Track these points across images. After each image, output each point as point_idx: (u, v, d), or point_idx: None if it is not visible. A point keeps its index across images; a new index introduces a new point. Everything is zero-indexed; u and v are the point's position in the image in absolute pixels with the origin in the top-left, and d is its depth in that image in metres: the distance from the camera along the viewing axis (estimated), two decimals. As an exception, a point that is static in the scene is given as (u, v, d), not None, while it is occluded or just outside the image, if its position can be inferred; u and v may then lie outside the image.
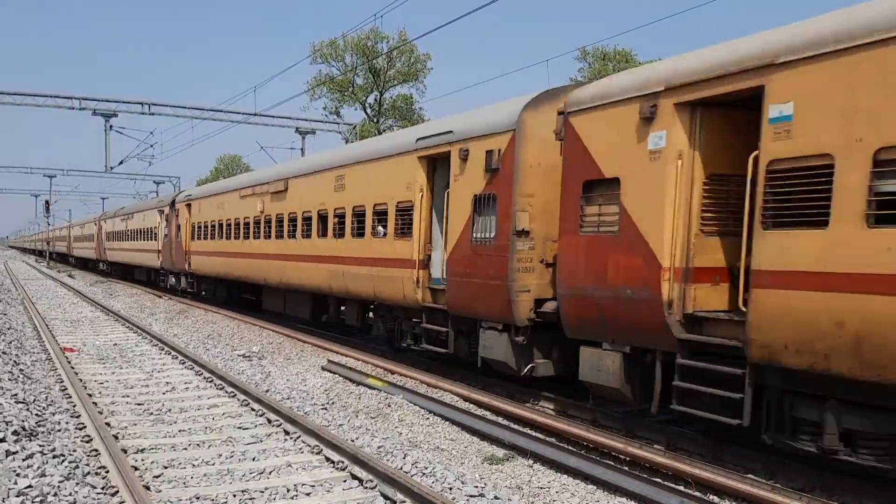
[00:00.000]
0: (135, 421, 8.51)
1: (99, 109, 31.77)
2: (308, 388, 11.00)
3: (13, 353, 11.95)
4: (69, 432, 7.60)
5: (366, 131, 44.25)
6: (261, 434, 7.96)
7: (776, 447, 6.79)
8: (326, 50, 47.69)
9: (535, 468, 7.47)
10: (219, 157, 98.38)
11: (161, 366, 12.20)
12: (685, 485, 6.71)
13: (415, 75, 50.02)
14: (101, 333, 16.34)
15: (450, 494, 6.02)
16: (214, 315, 20.87)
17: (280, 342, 15.74)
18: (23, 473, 5.87)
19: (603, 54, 46.18)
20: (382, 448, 7.28)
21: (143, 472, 6.58)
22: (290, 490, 6.23)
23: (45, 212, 59.91)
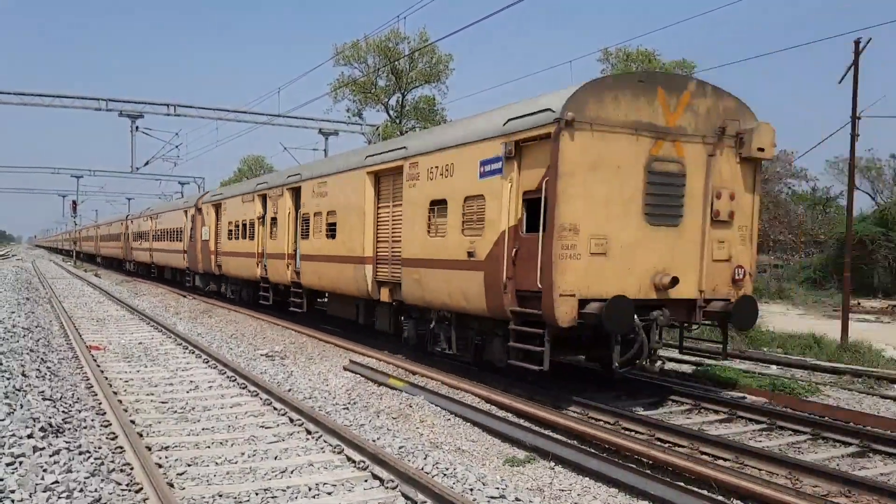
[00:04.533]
0: (159, 419, 8.60)
1: (125, 111, 32.16)
2: (330, 387, 11.05)
3: (40, 351, 12.13)
4: (95, 429, 7.69)
5: (388, 133, 44.37)
6: (283, 433, 8.00)
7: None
8: (349, 52, 47.87)
9: (557, 470, 7.44)
10: (242, 158, 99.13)
11: (185, 364, 12.32)
12: (708, 489, 6.64)
13: (437, 76, 50.06)
14: (126, 332, 16.53)
15: (471, 496, 6.01)
16: (237, 315, 21.03)
17: (302, 342, 15.83)
18: (49, 469, 5.95)
19: (626, 55, 45.87)
20: (404, 448, 7.29)
21: (167, 469, 6.64)
22: (312, 489, 6.25)
23: (72, 212, 60.77)
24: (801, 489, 6.65)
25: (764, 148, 10.36)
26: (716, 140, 10.17)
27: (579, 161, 9.26)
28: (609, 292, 9.23)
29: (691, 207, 10.07)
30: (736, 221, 10.44)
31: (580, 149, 9.24)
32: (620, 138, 9.51)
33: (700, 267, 10.15)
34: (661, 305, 9.88)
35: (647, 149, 9.71)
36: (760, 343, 16.51)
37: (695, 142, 10.06)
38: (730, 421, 9.54)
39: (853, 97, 16.54)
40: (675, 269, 9.89)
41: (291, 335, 16.81)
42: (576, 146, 9.22)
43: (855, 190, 19.68)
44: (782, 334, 17.31)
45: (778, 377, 12.32)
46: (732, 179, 10.37)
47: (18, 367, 9.94)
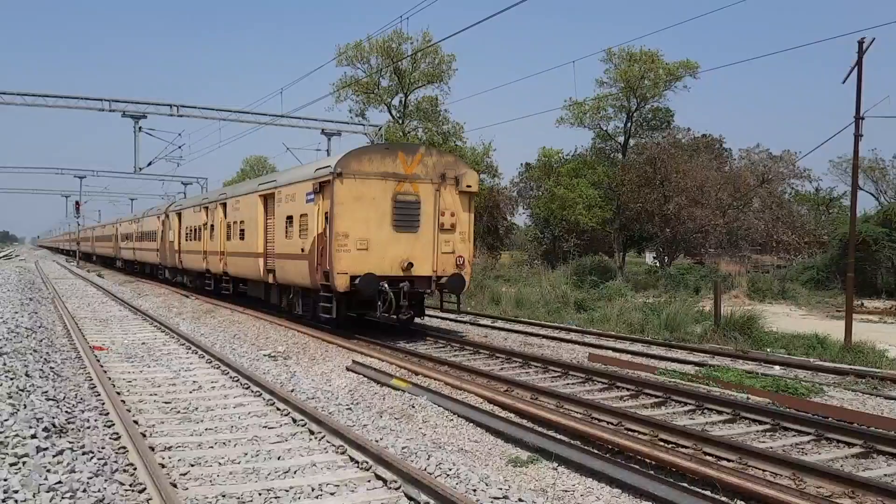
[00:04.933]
0: (162, 419, 8.60)
1: (128, 111, 32.18)
2: (333, 388, 11.05)
3: (44, 351, 12.15)
4: (98, 429, 7.70)
5: (391, 133, 44.39)
6: (286, 433, 8.01)
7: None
8: (352, 52, 47.89)
9: (560, 471, 7.43)
10: (245, 159, 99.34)
11: (188, 365, 12.33)
12: (712, 489, 6.63)
13: (439, 77, 50.08)
14: (129, 332, 16.55)
15: (474, 496, 6.00)
16: (241, 315, 21.05)
17: (305, 343, 15.83)
18: (53, 469, 5.95)
19: (629, 55, 45.85)
20: (407, 449, 7.28)
21: (171, 469, 6.65)
22: (315, 489, 6.25)
23: (76, 212, 60.86)
24: (805, 490, 6.64)
25: (471, 185, 16.79)
26: (440, 181, 16.36)
27: (347, 196, 15.45)
28: (370, 271, 15.33)
29: (425, 221, 16.23)
30: (457, 229, 16.59)
31: (347, 189, 15.44)
32: (374, 182, 15.71)
33: (433, 257, 16.32)
34: (407, 280, 15.87)
35: (393, 187, 15.90)
36: (764, 344, 16.49)
37: (426, 182, 16.28)
38: (733, 421, 9.52)
39: (857, 97, 16.51)
40: (416, 258, 16.05)
41: (294, 336, 16.82)
42: (344, 187, 15.43)
43: (858, 190, 19.63)
44: (785, 335, 17.29)
45: (781, 378, 12.31)
46: (453, 204, 16.56)
47: (22, 368, 9.96)
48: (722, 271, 37.24)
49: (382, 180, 15.80)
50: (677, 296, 25.44)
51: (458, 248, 16.62)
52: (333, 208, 15.41)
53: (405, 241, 16.00)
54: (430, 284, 16.45)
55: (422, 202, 16.24)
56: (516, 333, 18.19)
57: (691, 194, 37.14)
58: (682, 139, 43.37)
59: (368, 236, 15.63)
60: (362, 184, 15.61)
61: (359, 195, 15.57)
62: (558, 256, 43.66)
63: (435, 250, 16.33)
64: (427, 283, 16.40)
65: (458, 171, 16.69)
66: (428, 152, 16.73)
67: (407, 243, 16.03)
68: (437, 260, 16.36)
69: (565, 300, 24.07)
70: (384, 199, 15.80)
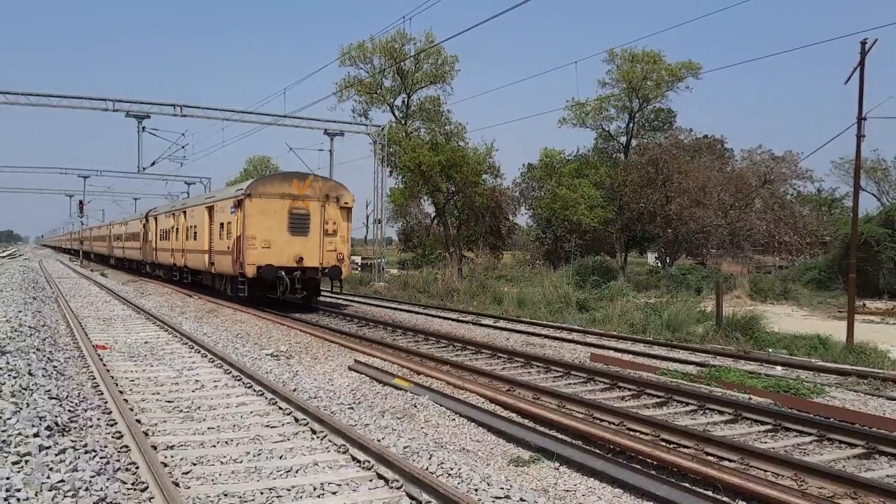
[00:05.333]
0: (164, 418, 8.62)
1: (132, 111, 32.29)
2: (335, 387, 11.07)
3: (47, 350, 12.17)
4: (100, 428, 7.72)
5: (393, 133, 44.40)
6: (288, 433, 8.02)
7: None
8: (355, 52, 47.97)
9: (561, 471, 7.44)
10: (248, 159, 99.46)
11: (191, 364, 12.35)
12: (714, 490, 6.63)
13: (442, 77, 50.11)
14: (132, 332, 16.57)
15: (475, 496, 6.01)
16: (243, 314, 21.08)
17: (307, 342, 15.85)
18: (55, 468, 5.97)
19: (631, 56, 45.85)
20: (408, 448, 7.29)
21: (173, 468, 6.66)
22: (317, 489, 6.26)
23: (80, 212, 60.97)
24: (807, 491, 6.64)
25: (348, 202, 23.03)
26: (324, 199, 22.70)
27: (254, 210, 21.76)
28: (270, 263, 21.60)
29: (313, 228, 22.52)
30: (338, 234, 22.89)
31: (255, 205, 21.81)
32: (275, 200, 22.05)
33: (320, 254, 22.59)
34: (300, 269, 22.16)
35: (289, 204, 22.27)
36: (766, 344, 16.48)
37: (314, 200, 22.60)
38: (735, 422, 9.53)
39: (859, 98, 16.49)
40: (306, 255, 22.35)
41: (297, 335, 16.84)
42: (252, 204, 21.77)
43: (860, 191, 19.61)
44: (787, 335, 17.28)
45: (783, 378, 12.30)
46: (335, 216, 22.90)
47: (25, 366, 9.97)
48: (724, 272, 37.21)
49: (281, 199, 22.31)
50: (679, 296, 25.45)
51: (339, 248, 23.10)
52: (245, 219, 21.94)
53: (298, 242, 22.39)
54: (318, 273, 22.69)
55: (311, 214, 22.59)
56: (518, 333, 18.20)
57: (693, 195, 37.12)
58: (685, 140, 43.38)
59: (270, 238, 21.98)
60: (266, 202, 22.07)
61: (263, 210, 21.99)
62: (560, 256, 43.65)
63: (321, 249, 22.68)
64: (315, 272, 22.63)
65: (338, 192, 23.24)
66: (315, 179, 23.30)
67: (299, 244, 22.40)
68: (323, 256, 22.70)
69: (567, 300, 24.07)
70: (282, 212, 22.26)
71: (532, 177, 50.02)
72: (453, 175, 42.72)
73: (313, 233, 22.44)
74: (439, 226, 50.38)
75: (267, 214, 21.89)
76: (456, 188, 44.78)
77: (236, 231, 22.41)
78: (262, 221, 21.80)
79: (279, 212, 22.08)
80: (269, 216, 21.91)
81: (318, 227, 22.51)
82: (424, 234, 53.85)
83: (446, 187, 44.65)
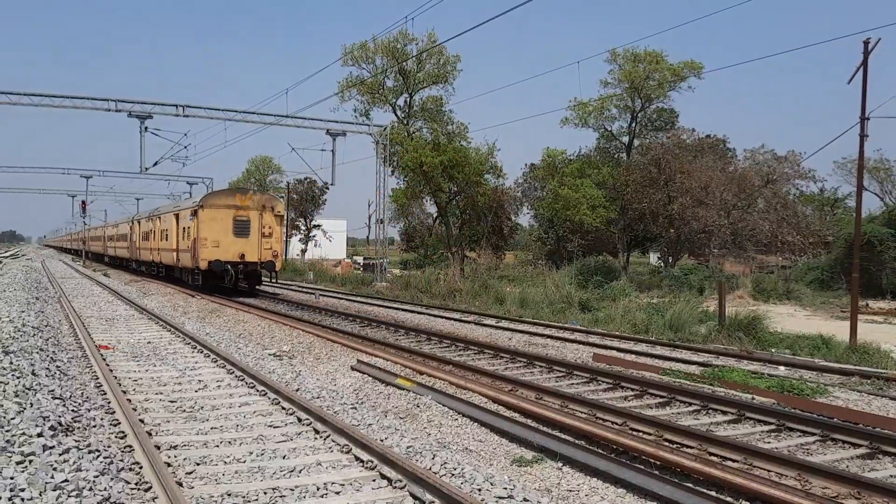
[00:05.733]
0: (168, 418, 8.63)
1: (134, 111, 32.32)
2: (338, 387, 11.07)
3: (50, 350, 12.19)
4: (104, 428, 7.73)
5: (395, 133, 44.40)
6: (291, 433, 8.03)
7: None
8: (357, 52, 47.97)
9: (564, 471, 7.44)
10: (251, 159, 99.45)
11: (193, 364, 12.36)
12: (717, 490, 6.63)
13: (444, 77, 50.10)
14: (135, 331, 16.59)
15: (479, 496, 6.01)
16: (246, 314, 21.10)
17: (310, 342, 15.86)
18: (59, 468, 5.97)
19: (633, 55, 45.82)
20: (412, 448, 7.29)
21: (176, 468, 6.67)
22: (320, 488, 6.27)
23: (82, 212, 61.06)
24: (811, 491, 6.63)
25: (280, 211, 29.58)
26: (262, 209, 28.32)
27: (206, 218, 27.45)
28: (218, 258, 27.32)
29: (253, 231, 28.16)
30: (273, 236, 28.45)
31: (206, 214, 27.51)
32: (222, 210, 27.83)
33: (258, 251, 28.16)
34: (242, 264, 27.88)
35: (234, 213, 28.00)
36: (768, 344, 16.46)
37: (253, 210, 28.28)
38: (738, 422, 9.52)
39: (862, 97, 16.48)
40: (247, 252, 28.04)
41: (299, 335, 16.85)
42: (205, 213, 27.49)
43: (863, 191, 19.59)
44: (790, 335, 17.26)
45: (786, 378, 12.29)
46: (270, 222, 28.53)
47: (28, 366, 9.99)
48: (726, 272, 37.16)
49: (227, 209, 28.23)
50: (681, 296, 25.42)
51: (274, 246, 29.00)
52: (199, 224, 27.76)
53: (241, 242, 28.26)
54: (257, 266, 28.65)
55: (251, 221, 28.49)
56: (521, 333, 18.20)
57: (696, 195, 37.07)
58: (687, 140, 43.31)
59: (219, 239, 27.85)
60: (215, 211, 27.96)
61: (213, 217, 27.83)
62: (562, 257, 43.64)
63: (259, 247, 28.51)
64: (255, 265, 28.59)
65: (273, 203, 29.57)
66: (255, 193, 30.67)
67: (242, 243, 28.27)
68: (261, 253, 28.54)
69: (569, 300, 24.07)
70: (228, 220, 28.17)
71: (534, 177, 50.00)
72: (455, 175, 42.73)
73: (253, 235, 28.39)
74: (441, 226, 50.39)
75: (216, 221, 27.75)
76: (458, 188, 44.79)
77: (193, 234, 28.25)
78: (213, 226, 27.70)
79: (225, 219, 28.01)
80: (218, 222, 27.81)
81: (257, 231, 28.45)
82: (426, 234, 53.88)
83: (448, 187, 44.66)
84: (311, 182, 60.84)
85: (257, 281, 29.88)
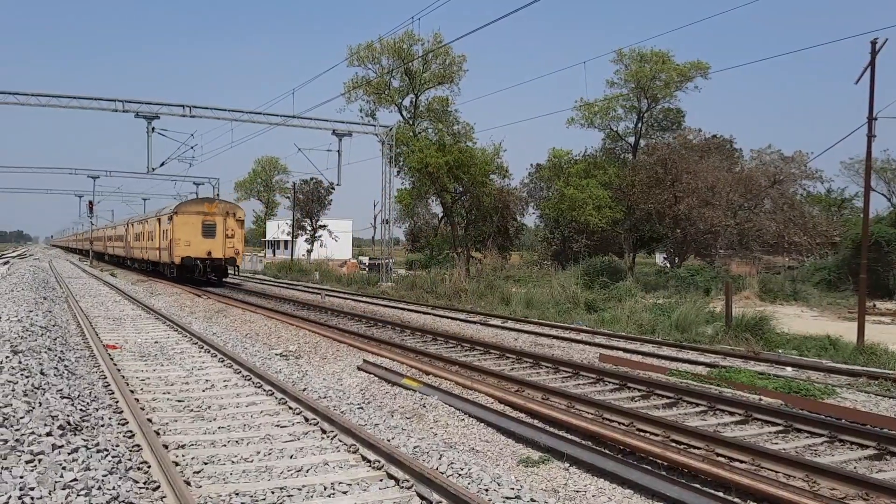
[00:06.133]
0: (175, 417, 8.66)
1: (141, 112, 32.42)
2: (344, 387, 11.09)
3: (58, 350, 12.23)
4: (112, 427, 7.75)
5: (401, 133, 44.42)
6: (298, 432, 8.04)
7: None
8: (363, 53, 48.03)
9: (571, 471, 7.44)
10: (257, 159, 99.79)
11: (201, 364, 12.39)
12: (724, 490, 6.62)
13: (450, 77, 50.13)
14: (142, 331, 16.65)
15: (486, 496, 6.01)
16: (252, 315, 21.14)
17: (316, 342, 15.88)
18: (68, 467, 5.99)
19: (640, 55, 45.76)
20: (418, 448, 7.30)
21: (184, 467, 6.69)
22: (327, 488, 6.28)
23: (89, 212, 61.29)
24: (819, 492, 6.61)
25: (241, 217, 35.87)
26: (225, 215, 34.75)
27: (179, 222, 33.96)
28: (189, 255, 33.75)
29: (218, 233, 34.46)
30: (235, 237, 34.89)
31: (180, 219, 33.98)
32: (193, 216, 34.24)
33: (223, 250, 34.53)
34: (209, 259, 34.23)
35: (202, 218, 34.29)
36: (775, 345, 16.42)
37: (219, 216, 34.65)
38: (745, 423, 9.50)
39: (870, 98, 16.42)
40: (214, 250, 34.28)
41: (305, 335, 16.88)
42: (179, 218, 33.98)
43: (871, 191, 19.52)
44: (797, 336, 17.22)
45: (793, 379, 12.26)
46: (233, 225, 34.87)
47: (37, 366, 10.02)
48: (733, 272, 37.07)
49: (197, 215, 34.32)
50: (688, 297, 25.36)
51: (236, 246, 35.09)
52: (174, 228, 33.98)
53: (208, 242, 34.27)
54: (222, 262, 34.75)
55: (217, 224, 34.46)
56: (527, 334, 18.20)
57: (702, 195, 36.99)
58: (693, 140, 43.22)
59: (190, 239, 33.89)
60: (187, 217, 34.09)
61: (185, 222, 33.95)
62: (568, 257, 43.58)
63: (223, 246, 34.57)
64: (220, 261, 34.66)
65: (235, 210, 35.74)
66: (220, 202, 36.49)
67: (209, 243, 34.29)
68: (225, 251, 34.64)
69: (575, 301, 24.04)
70: (197, 223, 34.18)
71: (540, 177, 49.96)
72: (461, 175, 42.75)
73: (218, 236, 34.44)
74: (447, 226, 50.40)
75: (188, 224, 33.90)
76: (463, 188, 44.81)
77: (170, 235, 34.26)
78: (185, 229, 33.82)
79: (195, 223, 34.07)
80: (189, 226, 33.93)
81: (222, 233, 34.50)
82: (432, 235, 53.87)
83: (454, 187, 44.68)
84: (317, 182, 60.92)
85: (223, 274, 35.98)
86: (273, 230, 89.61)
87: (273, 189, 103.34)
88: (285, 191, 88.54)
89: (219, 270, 35.30)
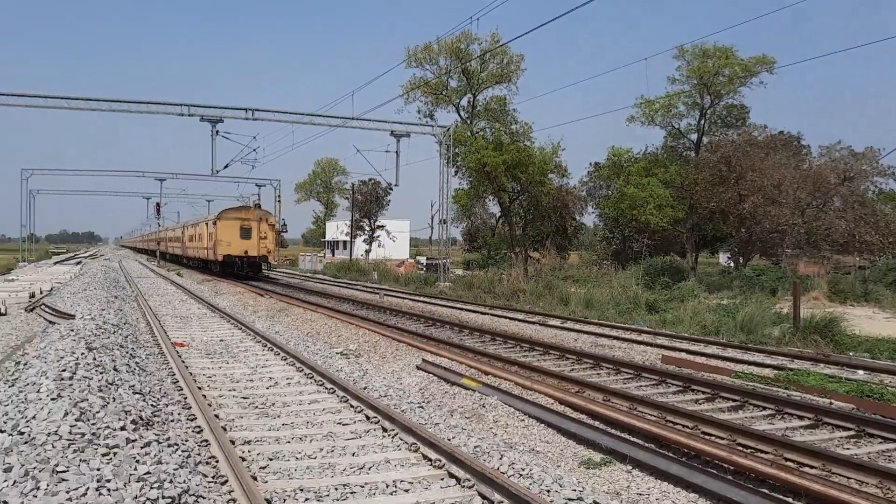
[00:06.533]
0: (241, 414, 8.87)
1: (206, 116, 33.26)
2: (404, 386, 11.18)
3: (129, 347, 12.66)
4: (181, 423, 7.99)
5: (459, 133, 44.48)
6: (360, 430, 8.15)
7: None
8: (421, 54, 48.25)
9: (634, 474, 7.34)
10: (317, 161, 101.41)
11: (264, 361, 12.66)
12: (794, 497, 6.44)
13: (507, 77, 49.94)
14: (208, 330, 17.10)
15: (548, 497, 5.99)
16: (313, 314, 21.48)
17: (376, 341, 16.04)
18: (141, 460, 6.20)
19: (702, 51, 44.77)
20: (479, 448, 7.31)
21: (250, 463, 6.86)
22: (389, 486, 6.35)
23: (156, 213, 63.22)
24: (893, 499, 6.38)
25: (273, 223, 41.85)
26: (259, 220, 40.77)
27: (222, 227, 40.17)
28: (230, 253, 40.02)
29: (254, 235, 40.45)
30: (268, 239, 40.91)
31: (222, 224, 40.26)
32: (232, 221, 40.56)
33: (258, 249, 40.59)
34: (247, 257, 40.38)
35: (240, 222, 40.56)
36: (846, 347, 15.88)
37: (254, 221, 40.74)
38: (815, 427, 9.22)
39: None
40: (250, 249, 40.39)
41: (365, 334, 17.07)
42: (221, 223, 40.31)
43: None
44: (869, 338, 16.61)
45: (866, 382, 11.83)
46: (266, 229, 40.87)
47: (110, 362, 10.40)
48: (800, 272, 35.95)
49: (236, 220, 40.15)
50: (753, 297, 24.70)
51: (269, 246, 40.62)
52: (217, 231, 39.68)
53: (245, 242, 39.84)
54: (257, 259, 40.32)
55: (252, 228, 40.09)
56: (586, 334, 18.02)
57: (768, 193, 35.98)
58: (758, 136, 42.06)
59: (230, 240, 39.52)
60: (228, 221, 39.97)
61: (226, 226, 39.73)
62: (628, 257, 42.96)
63: (258, 246, 40.14)
64: (255, 258, 40.28)
65: (267, 216, 41.19)
66: (256, 209, 41.60)
67: (246, 243, 39.87)
68: (259, 250, 40.15)
69: (636, 301, 23.69)
70: (236, 227, 39.91)
71: (599, 176, 49.36)
72: (518, 175, 42.54)
73: (254, 237, 40.17)
74: (504, 226, 50.22)
75: (228, 228, 39.85)
76: (521, 188, 44.57)
77: (215, 237, 39.99)
78: (226, 231, 39.79)
79: (235, 227, 39.98)
80: (230, 229, 39.87)
81: (256, 235, 40.25)
82: (489, 235, 53.77)
83: (511, 187, 44.47)
84: (375, 183, 61.52)
85: (258, 269, 41.88)
86: (332, 231, 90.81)
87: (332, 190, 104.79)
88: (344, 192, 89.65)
89: (254, 266, 41.13)
